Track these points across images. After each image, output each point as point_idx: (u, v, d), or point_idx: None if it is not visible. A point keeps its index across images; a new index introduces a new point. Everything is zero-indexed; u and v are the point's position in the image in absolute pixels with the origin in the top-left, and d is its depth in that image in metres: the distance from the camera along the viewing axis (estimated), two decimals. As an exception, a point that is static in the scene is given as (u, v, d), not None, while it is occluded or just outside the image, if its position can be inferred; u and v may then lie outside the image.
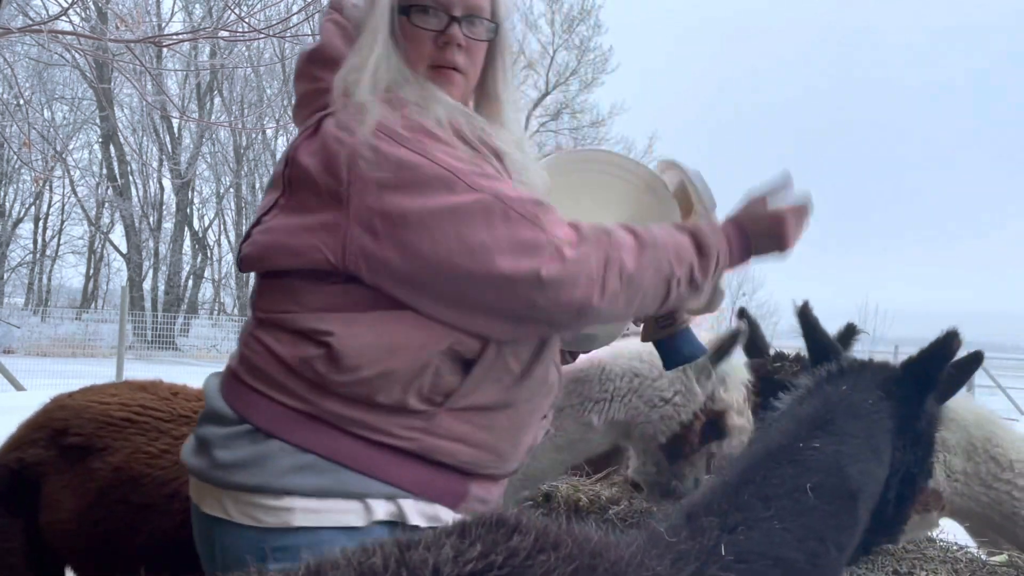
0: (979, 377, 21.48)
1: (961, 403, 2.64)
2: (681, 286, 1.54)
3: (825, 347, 1.91)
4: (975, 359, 1.89)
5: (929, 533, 3.01)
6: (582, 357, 2.48)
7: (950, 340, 1.73)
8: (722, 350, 2.39)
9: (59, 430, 2.33)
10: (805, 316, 1.95)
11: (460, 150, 1.47)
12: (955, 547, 2.91)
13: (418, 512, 1.45)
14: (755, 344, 2.72)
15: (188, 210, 32.26)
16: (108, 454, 2.27)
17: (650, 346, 2.51)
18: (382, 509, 1.42)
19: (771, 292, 45.42)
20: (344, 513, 1.40)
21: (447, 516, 1.46)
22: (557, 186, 1.68)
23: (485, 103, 1.70)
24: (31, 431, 2.38)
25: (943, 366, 1.74)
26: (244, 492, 1.40)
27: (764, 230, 1.66)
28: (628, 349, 2.46)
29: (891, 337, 28.88)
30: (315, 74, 1.61)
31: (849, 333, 2.26)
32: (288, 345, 1.44)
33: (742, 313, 2.37)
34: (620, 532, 1.25)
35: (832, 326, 2.03)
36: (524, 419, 1.57)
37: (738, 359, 2.51)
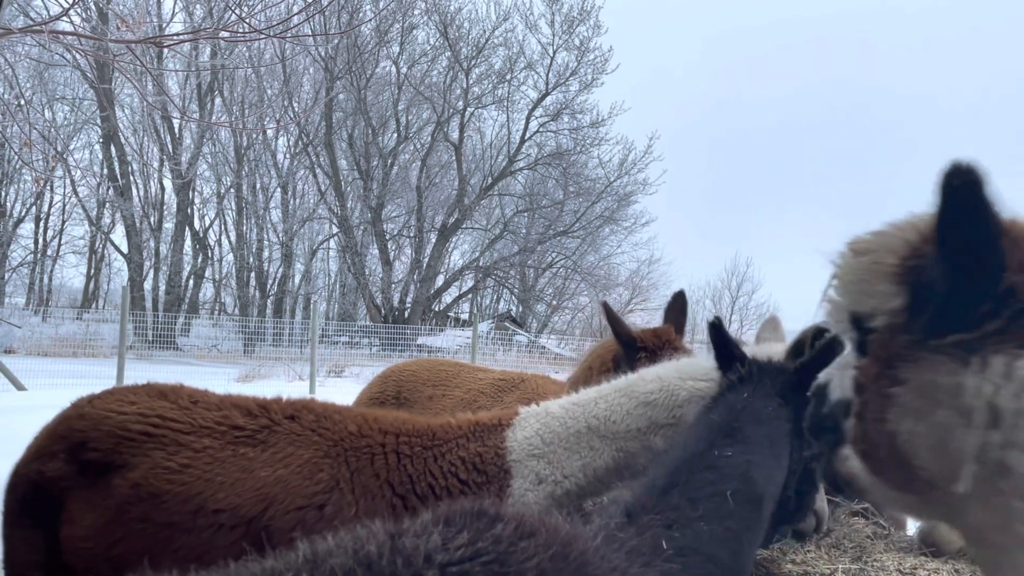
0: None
1: None
2: None
3: (731, 355, 2.09)
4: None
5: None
6: (649, 375, 2.42)
7: (835, 344, 1.81)
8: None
9: (78, 443, 2.26)
10: (717, 330, 2.13)
11: None
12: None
13: None
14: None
15: (189, 210, 32.30)
16: (128, 470, 2.20)
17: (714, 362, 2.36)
18: None
19: (771, 292, 45.52)
20: None
21: None
22: None
23: None
24: (51, 441, 2.31)
25: (825, 367, 1.80)
26: None
27: None
28: (694, 368, 2.40)
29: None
30: None
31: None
32: None
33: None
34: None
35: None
36: None
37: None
